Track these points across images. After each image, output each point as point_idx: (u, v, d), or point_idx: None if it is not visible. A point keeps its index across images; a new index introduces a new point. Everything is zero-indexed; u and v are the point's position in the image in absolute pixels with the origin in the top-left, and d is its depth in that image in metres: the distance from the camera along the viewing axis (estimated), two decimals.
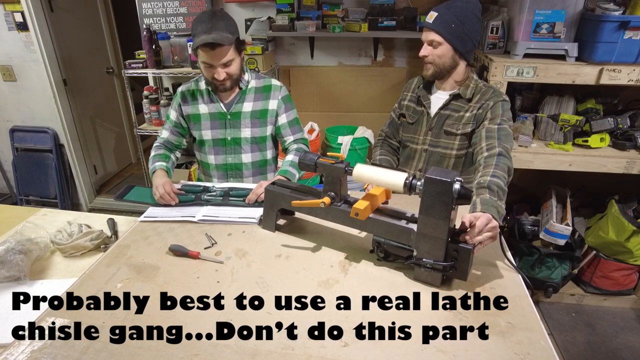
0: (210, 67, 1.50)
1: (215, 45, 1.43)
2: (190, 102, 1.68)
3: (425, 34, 1.50)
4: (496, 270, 1.10)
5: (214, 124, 1.68)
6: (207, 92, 1.67)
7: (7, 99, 3.39)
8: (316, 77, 3.03)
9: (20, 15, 3.03)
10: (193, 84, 1.70)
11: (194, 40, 1.47)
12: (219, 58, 1.47)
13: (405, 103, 1.70)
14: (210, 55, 1.46)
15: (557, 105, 2.26)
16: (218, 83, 1.54)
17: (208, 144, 1.70)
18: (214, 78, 1.52)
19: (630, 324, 2.38)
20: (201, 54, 1.48)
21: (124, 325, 0.92)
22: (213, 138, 1.69)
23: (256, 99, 1.67)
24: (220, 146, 1.71)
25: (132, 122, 3.09)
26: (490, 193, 1.11)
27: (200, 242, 1.23)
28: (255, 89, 1.68)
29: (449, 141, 1.58)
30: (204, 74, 1.59)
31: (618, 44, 1.89)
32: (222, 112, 1.66)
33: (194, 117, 1.68)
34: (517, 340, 0.87)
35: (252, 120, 1.67)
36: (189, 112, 1.68)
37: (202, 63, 1.52)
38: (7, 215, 1.65)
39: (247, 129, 1.68)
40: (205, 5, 2.84)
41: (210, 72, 1.52)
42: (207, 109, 1.67)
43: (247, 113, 1.66)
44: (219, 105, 1.66)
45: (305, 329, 0.90)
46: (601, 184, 2.55)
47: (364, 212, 1.05)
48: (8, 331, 1.03)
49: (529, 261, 2.40)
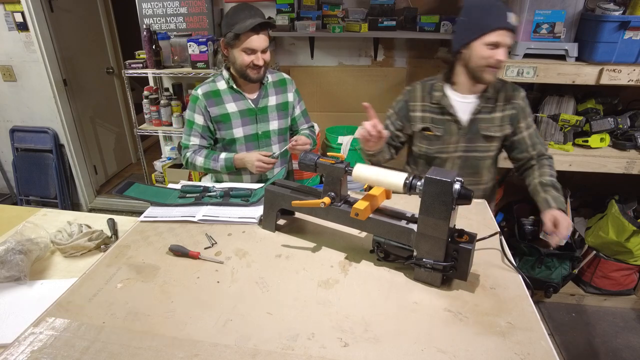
0: (251, 53, 1.56)
1: (262, 28, 1.52)
2: (216, 104, 1.67)
3: (504, 37, 1.36)
4: (496, 270, 1.10)
5: (245, 121, 1.70)
6: (229, 90, 1.68)
7: (7, 99, 3.39)
8: (316, 77, 3.03)
9: (20, 15, 3.03)
10: (211, 85, 1.69)
11: (235, 27, 1.53)
12: (262, 42, 1.56)
13: (418, 115, 1.60)
14: (255, 40, 1.54)
15: (557, 105, 2.26)
16: (254, 72, 1.60)
17: (240, 141, 1.72)
18: (254, 65, 1.57)
19: (630, 324, 2.38)
20: (244, 40, 1.54)
21: (124, 326, 0.92)
22: (245, 135, 1.71)
23: (277, 92, 1.77)
24: (252, 142, 1.74)
25: (132, 122, 3.09)
26: (557, 191, 1.39)
27: (200, 242, 1.23)
28: (274, 83, 1.76)
29: (487, 144, 1.56)
30: (238, 64, 1.60)
31: (618, 44, 1.89)
32: (250, 108, 1.70)
33: (223, 117, 1.68)
34: (517, 340, 0.87)
35: (278, 113, 1.76)
36: (217, 113, 1.67)
37: (242, 51, 1.56)
38: (7, 215, 1.65)
39: (275, 121, 1.76)
40: (205, 5, 2.84)
41: (249, 59, 1.57)
42: (236, 107, 1.68)
43: (273, 106, 1.74)
44: (247, 102, 1.69)
45: (305, 329, 0.90)
46: (601, 184, 2.55)
47: (364, 212, 1.05)
48: (8, 331, 1.03)
49: (529, 261, 2.40)
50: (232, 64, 1.65)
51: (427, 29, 2.63)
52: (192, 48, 2.69)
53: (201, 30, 2.92)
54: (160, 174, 3.20)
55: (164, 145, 3.45)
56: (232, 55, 1.61)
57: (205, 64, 2.72)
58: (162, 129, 2.99)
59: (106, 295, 1.02)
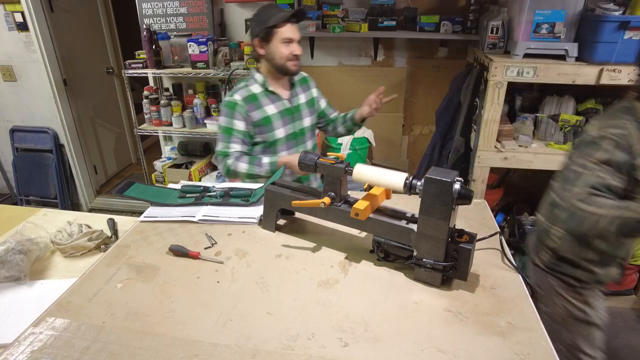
0: (289, 43, 1.61)
1: (298, 18, 1.61)
2: (256, 108, 1.68)
3: None
4: (496, 270, 1.10)
5: (285, 121, 1.73)
6: (264, 93, 1.70)
7: (7, 99, 3.39)
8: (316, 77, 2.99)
9: (20, 16, 3.03)
10: (247, 90, 1.69)
11: (270, 20, 1.58)
12: (297, 33, 1.63)
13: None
14: (292, 29, 1.60)
15: (557, 105, 2.26)
16: (293, 64, 1.64)
17: (281, 142, 1.74)
18: (294, 55, 1.62)
19: (630, 324, 2.38)
20: (282, 31, 1.59)
21: (124, 326, 0.92)
22: (285, 135, 1.74)
23: (303, 90, 1.83)
24: (291, 140, 1.77)
25: (132, 122, 3.09)
26: None
27: (200, 242, 1.23)
28: (298, 81, 1.81)
29: None
30: (277, 58, 1.63)
31: (618, 44, 1.89)
32: (287, 107, 1.74)
33: (265, 121, 1.68)
34: (517, 340, 0.87)
35: (308, 110, 1.82)
36: (258, 117, 1.67)
37: (280, 43, 1.60)
38: (7, 215, 1.65)
39: (307, 118, 1.81)
40: (205, 5, 2.84)
41: (288, 50, 1.61)
42: (275, 109, 1.70)
43: (304, 104, 1.80)
44: (284, 102, 1.73)
45: (305, 329, 0.90)
46: None
47: (364, 212, 1.05)
48: (8, 331, 1.03)
49: None
50: (269, 61, 1.66)
51: (427, 29, 2.63)
52: (192, 48, 2.69)
53: (201, 30, 2.92)
54: (160, 174, 3.20)
55: (164, 145, 3.45)
56: (269, 51, 1.63)
57: (205, 64, 2.72)
58: (162, 129, 2.99)
59: (106, 295, 1.02)
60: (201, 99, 2.91)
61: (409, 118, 3.10)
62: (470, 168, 2.25)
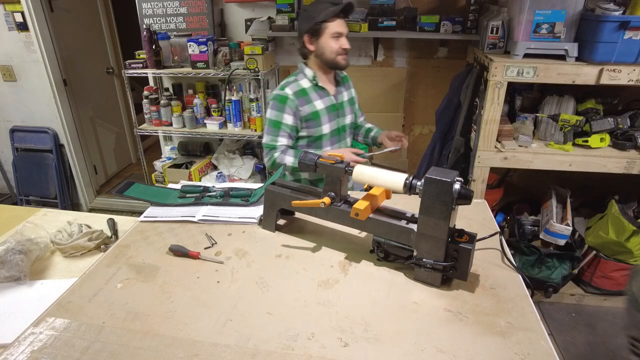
0: (338, 37, 1.63)
1: (346, 12, 1.64)
2: (306, 102, 1.69)
3: None
4: (496, 270, 1.10)
5: (330, 117, 1.75)
6: (314, 88, 1.72)
7: (7, 99, 3.39)
8: None
9: (20, 16, 3.03)
10: (297, 85, 1.71)
11: (320, 15, 1.60)
12: (346, 27, 1.65)
13: None
14: (341, 24, 1.63)
15: (557, 105, 2.26)
16: (343, 57, 1.67)
17: (326, 137, 1.76)
18: (343, 49, 1.65)
19: None
20: (332, 26, 1.61)
21: (123, 326, 0.92)
22: (330, 130, 1.76)
23: (345, 87, 1.86)
24: (335, 136, 1.80)
25: (132, 122, 3.09)
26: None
27: (200, 242, 1.23)
28: (342, 78, 1.84)
29: None
30: (327, 53, 1.65)
31: (618, 44, 1.89)
32: (334, 103, 1.76)
33: (314, 115, 1.70)
34: (517, 340, 0.87)
35: (350, 107, 1.85)
36: (308, 111, 1.69)
37: (330, 38, 1.63)
38: (7, 215, 1.65)
39: (348, 115, 1.85)
40: (205, 5, 2.84)
41: (338, 45, 1.64)
42: (323, 104, 1.73)
43: (347, 101, 1.83)
44: (331, 98, 1.75)
45: (305, 329, 0.90)
46: (601, 184, 2.55)
47: (364, 212, 1.05)
48: (8, 331, 1.03)
49: (529, 261, 2.40)
50: (319, 56, 1.68)
51: (427, 29, 2.63)
52: (192, 48, 2.69)
53: (201, 30, 2.92)
54: (160, 174, 3.20)
55: (164, 145, 3.45)
56: (319, 46, 1.65)
57: (205, 64, 2.72)
58: (162, 129, 2.99)
59: (106, 295, 1.02)
60: (201, 99, 2.91)
61: (409, 118, 3.10)
62: (470, 168, 2.25)
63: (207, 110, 2.96)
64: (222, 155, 3.14)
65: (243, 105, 2.83)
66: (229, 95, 2.79)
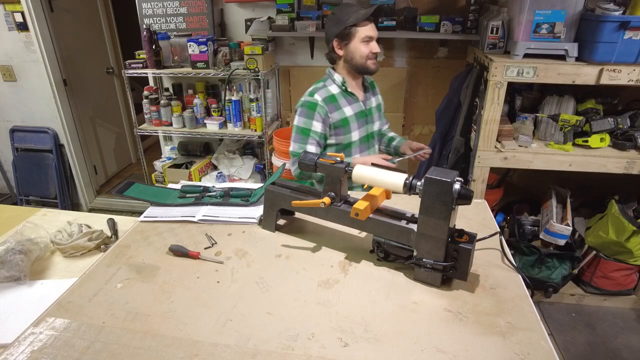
0: (368, 41, 1.59)
1: (376, 16, 1.60)
2: (335, 109, 1.66)
3: None
4: (496, 270, 1.10)
5: (360, 123, 1.72)
6: (343, 94, 1.69)
7: (7, 99, 3.39)
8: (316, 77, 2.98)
9: (20, 15, 3.03)
10: (326, 91, 1.68)
11: (350, 19, 1.56)
12: (375, 30, 1.61)
13: None
14: (372, 28, 1.59)
15: (557, 105, 2.27)
16: (373, 62, 1.63)
17: (355, 144, 1.73)
18: (374, 53, 1.61)
19: (630, 324, 2.38)
20: (362, 30, 1.57)
21: (124, 326, 0.92)
22: (359, 137, 1.73)
23: (373, 93, 1.84)
24: (364, 143, 1.76)
25: (132, 122, 3.09)
26: None
27: (200, 242, 1.23)
28: (369, 84, 1.81)
29: None
30: (357, 57, 1.62)
31: (618, 44, 1.89)
32: (363, 110, 1.73)
33: (343, 122, 1.67)
34: (517, 340, 0.87)
35: (378, 114, 1.83)
36: (337, 118, 1.66)
37: (360, 42, 1.59)
38: (7, 215, 1.65)
39: (377, 122, 1.81)
40: (205, 5, 2.84)
41: (368, 49, 1.60)
42: (352, 110, 1.69)
43: (375, 107, 1.80)
44: (360, 104, 1.72)
45: (305, 329, 0.90)
46: (601, 184, 2.55)
47: (364, 212, 1.05)
48: (8, 331, 1.03)
49: (529, 261, 2.41)
50: (348, 61, 1.65)
51: (427, 29, 2.63)
52: (192, 48, 2.69)
53: (201, 30, 2.92)
54: (160, 174, 3.20)
55: (164, 145, 3.45)
56: (349, 51, 1.62)
57: (205, 64, 2.72)
58: (162, 129, 2.99)
59: (106, 295, 1.02)
60: (201, 99, 2.92)
61: (408, 118, 3.10)
62: (470, 168, 2.25)
63: (207, 110, 2.96)
64: (222, 155, 3.14)
65: (243, 105, 2.83)
66: (229, 95, 2.79)
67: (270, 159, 2.92)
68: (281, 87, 3.10)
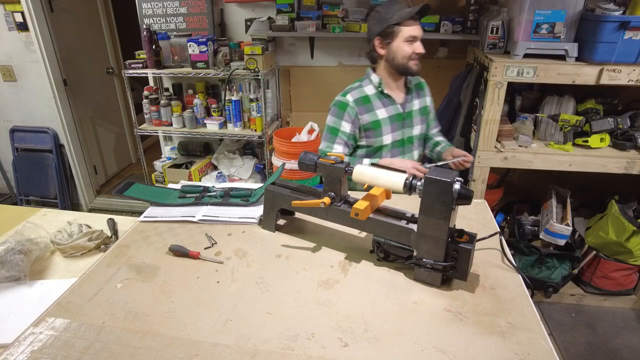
0: (412, 41, 1.54)
1: (422, 14, 1.53)
2: (367, 110, 1.63)
3: None
4: (496, 270, 1.10)
5: (394, 127, 1.67)
6: (378, 96, 1.65)
7: (7, 99, 3.39)
8: (316, 77, 3.03)
9: (20, 16, 3.03)
10: (359, 91, 1.66)
11: (394, 18, 1.51)
12: (421, 30, 1.56)
13: None
14: (416, 27, 1.54)
15: (557, 105, 2.27)
16: (415, 63, 1.58)
17: (387, 148, 1.69)
18: (416, 53, 1.56)
19: (630, 324, 2.38)
20: (406, 29, 1.52)
21: (123, 326, 0.92)
22: (392, 141, 1.68)
23: (418, 95, 1.74)
24: (397, 147, 1.71)
25: (132, 122, 3.09)
26: None
27: (200, 242, 1.23)
28: (415, 86, 1.73)
29: None
30: (399, 57, 1.57)
31: (618, 44, 1.89)
32: (399, 112, 1.67)
33: (374, 124, 1.64)
34: (517, 340, 0.87)
35: (420, 117, 1.73)
36: (368, 120, 1.63)
37: (403, 42, 1.54)
38: (7, 215, 1.65)
39: (418, 126, 1.74)
40: (205, 5, 2.84)
41: (411, 49, 1.55)
42: (386, 113, 1.65)
43: (417, 111, 1.72)
44: (396, 107, 1.67)
45: (305, 329, 0.90)
46: (601, 184, 2.55)
47: (364, 212, 1.05)
48: (8, 331, 1.03)
49: (529, 261, 2.40)
50: (390, 61, 1.60)
51: (427, 29, 2.63)
52: (192, 48, 2.69)
53: (201, 30, 2.92)
54: (160, 174, 3.20)
55: (164, 145, 3.45)
56: (390, 50, 1.57)
57: (205, 64, 2.72)
58: (162, 129, 2.99)
59: (106, 295, 1.02)
60: (201, 99, 2.92)
61: None
62: (470, 168, 2.25)
63: (207, 110, 2.96)
64: (222, 155, 3.14)
65: (243, 105, 2.83)
66: (229, 95, 2.79)
67: (270, 159, 2.92)
68: (281, 87, 3.10)
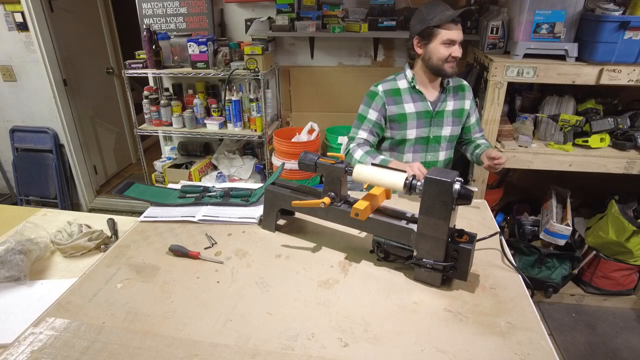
0: (449, 45, 1.55)
1: (464, 18, 1.52)
2: (395, 102, 1.66)
3: None
4: (496, 271, 1.10)
5: (420, 123, 1.69)
6: (410, 90, 1.67)
7: (7, 99, 3.39)
8: (316, 77, 3.03)
9: (20, 16, 3.03)
10: (391, 84, 1.69)
11: (434, 20, 1.52)
12: (460, 34, 1.56)
13: None
14: (455, 31, 1.54)
15: (557, 105, 2.27)
16: (450, 66, 1.58)
17: (410, 143, 1.71)
18: (452, 57, 1.56)
19: (630, 324, 2.38)
20: (445, 32, 1.53)
21: (123, 326, 0.92)
22: (417, 137, 1.70)
23: (455, 97, 1.73)
24: (421, 144, 1.72)
25: (132, 122, 3.09)
26: None
27: (200, 242, 1.23)
28: (453, 87, 1.73)
29: None
30: (435, 59, 1.58)
31: (618, 44, 1.89)
32: (428, 110, 1.68)
33: (400, 117, 1.66)
34: (517, 341, 0.87)
35: (453, 119, 1.73)
36: (395, 112, 1.66)
37: (440, 44, 1.55)
38: (7, 215, 1.65)
39: (448, 127, 1.73)
40: (205, 5, 2.84)
41: (447, 52, 1.55)
42: (414, 108, 1.67)
43: (450, 112, 1.71)
44: (426, 104, 1.68)
45: (305, 329, 0.90)
46: (601, 184, 2.55)
47: (364, 212, 1.05)
48: (8, 331, 1.03)
49: (529, 261, 2.40)
50: (425, 61, 1.62)
51: None
52: (192, 48, 2.69)
53: (201, 30, 2.92)
54: (160, 174, 3.20)
55: (164, 145, 3.45)
56: (427, 50, 1.59)
57: (205, 64, 2.72)
58: (162, 129, 2.99)
59: (106, 295, 1.02)
60: (201, 99, 2.91)
61: None
62: (470, 168, 2.25)
63: (207, 111, 2.96)
64: (222, 155, 3.14)
65: (243, 105, 2.83)
66: (229, 95, 2.79)
67: (270, 159, 2.92)
68: (281, 87, 3.10)
